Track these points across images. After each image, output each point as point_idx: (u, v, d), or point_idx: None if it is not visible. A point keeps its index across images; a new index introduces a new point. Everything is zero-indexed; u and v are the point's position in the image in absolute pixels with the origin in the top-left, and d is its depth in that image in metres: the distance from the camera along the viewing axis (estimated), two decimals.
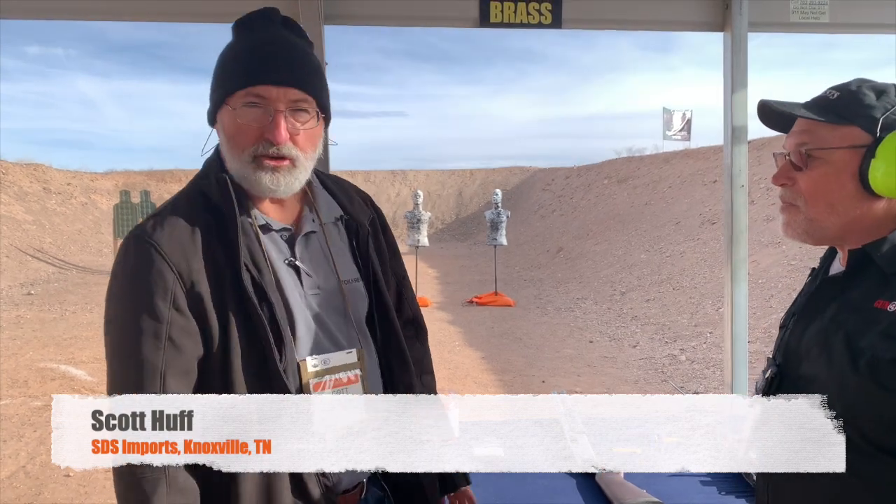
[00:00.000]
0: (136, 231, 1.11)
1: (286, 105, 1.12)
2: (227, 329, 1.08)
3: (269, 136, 1.11)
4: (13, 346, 8.19)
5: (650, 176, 20.18)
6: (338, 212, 1.28)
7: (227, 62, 1.17)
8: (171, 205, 1.15)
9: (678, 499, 1.71)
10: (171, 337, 1.05)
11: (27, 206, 19.50)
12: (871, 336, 0.93)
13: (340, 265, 1.24)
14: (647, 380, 6.73)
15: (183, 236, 1.09)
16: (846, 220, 1.02)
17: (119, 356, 1.08)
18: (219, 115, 1.17)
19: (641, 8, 2.28)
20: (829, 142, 1.02)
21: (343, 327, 1.22)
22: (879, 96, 1.00)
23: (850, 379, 0.94)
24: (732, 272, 2.31)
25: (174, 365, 1.05)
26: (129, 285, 1.08)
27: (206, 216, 1.12)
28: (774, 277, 9.58)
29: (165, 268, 1.06)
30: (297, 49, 1.17)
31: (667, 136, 20.70)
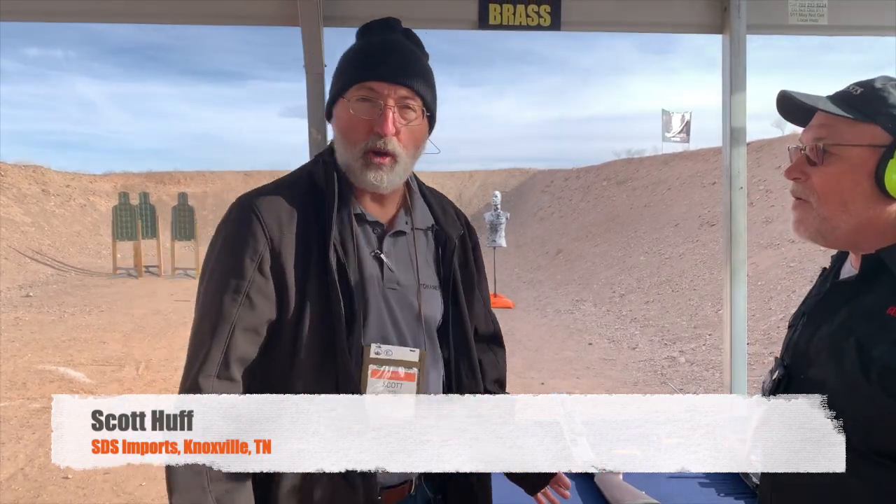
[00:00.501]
0: (243, 196, 1.23)
1: (395, 101, 1.20)
2: (304, 300, 1.15)
3: (377, 129, 1.19)
4: (12, 348, 8.18)
5: (649, 178, 20.20)
6: (430, 221, 1.35)
7: (345, 60, 1.28)
8: (280, 181, 1.28)
9: (677, 500, 1.71)
10: (248, 294, 1.14)
11: (26, 207, 19.49)
12: (884, 345, 0.91)
13: (422, 269, 1.30)
14: (647, 382, 6.73)
15: (282, 208, 1.18)
16: (858, 220, 1.00)
17: (202, 303, 1.18)
18: (335, 108, 1.27)
19: (640, 10, 2.29)
20: (848, 138, 0.99)
21: (413, 327, 1.26)
22: None
23: (861, 387, 0.92)
24: (731, 274, 2.32)
25: (245, 320, 1.14)
26: (224, 242, 1.18)
27: (307, 196, 1.22)
28: (773, 279, 9.59)
29: (260, 232, 1.15)
30: (409, 52, 1.27)
31: (666, 137, 20.73)
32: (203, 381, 1.11)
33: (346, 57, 1.28)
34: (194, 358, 1.14)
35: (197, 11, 2.21)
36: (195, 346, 1.15)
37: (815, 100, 1.04)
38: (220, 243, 1.19)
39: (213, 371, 1.12)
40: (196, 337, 1.16)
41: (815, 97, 1.05)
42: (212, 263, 1.19)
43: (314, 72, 2.14)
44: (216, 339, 1.13)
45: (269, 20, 2.22)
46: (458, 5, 2.19)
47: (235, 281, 1.14)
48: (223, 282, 1.14)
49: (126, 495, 4.15)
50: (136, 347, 8.23)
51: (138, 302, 11.92)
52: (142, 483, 4.31)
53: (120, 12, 2.19)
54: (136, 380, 6.78)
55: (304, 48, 2.14)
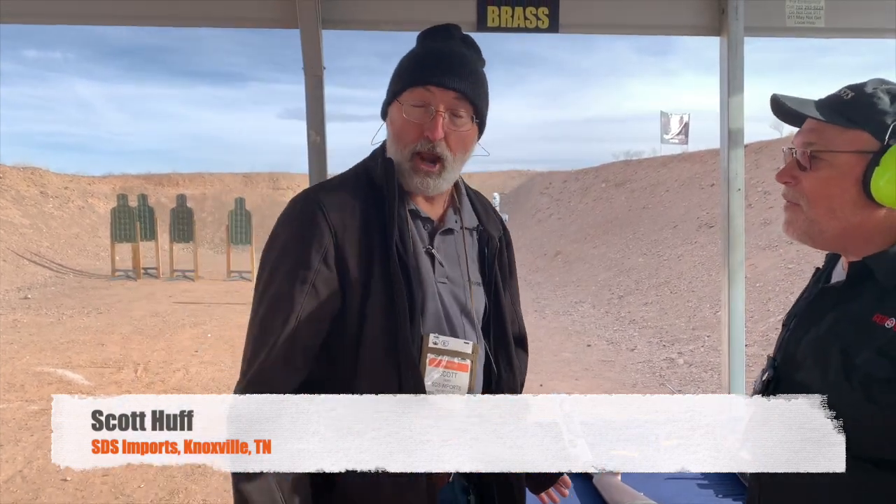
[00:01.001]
0: (306, 191, 1.27)
1: (446, 106, 1.24)
2: (368, 293, 1.20)
3: (427, 133, 1.23)
4: (10, 350, 8.17)
5: (648, 179, 20.21)
6: (475, 221, 1.41)
7: (404, 64, 1.31)
8: (340, 178, 1.32)
9: (675, 501, 1.72)
10: (315, 285, 1.17)
11: (24, 209, 19.46)
12: (867, 352, 0.92)
13: (470, 266, 1.36)
14: (645, 383, 6.73)
15: (345, 204, 1.22)
16: (846, 225, 1.01)
17: (268, 293, 1.19)
18: (389, 110, 1.31)
19: (638, 12, 2.29)
20: (837, 144, 1.00)
21: (463, 320, 1.31)
22: (893, 101, 0.97)
23: (844, 393, 0.94)
24: (730, 275, 2.32)
25: (310, 310, 1.17)
26: (290, 234, 1.21)
27: (368, 192, 1.26)
28: (772, 281, 9.60)
29: (325, 226, 1.19)
30: (463, 58, 1.30)
31: (664, 139, 20.75)
32: (270, 369, 1.15)
33: (403, 61, 1.32)
34: (260, 346, 1.16)
35: (196, 14, 2.22)
36: (261, 334, 1.17)
37: (805, 105, 1.04)
38: (286, 235, 1.21)
39: (279, 360, 1.15)
40: (261, 325, 1.18)
41: (806, 102, 1.05)
42: (276, 254, 1.21)
43: (313, 74, 2.14)
44: (284, 327, 1.15)
45: (269, 22, 2.23)
46: (456, 7, 2.19)
47: (303, 271, 1.17)
48: (291, 272, 1.17)
49: (125, 497, 4.14)
50: (134, 349, 8.22)
51: (137, 304, 11.91)
52: (140, 485, 4.31)
53: (119, 14, 2.19)
54: (134, 381, 6.77)
55: (303, 50, 2.15)
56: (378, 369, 1.19)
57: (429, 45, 1.32)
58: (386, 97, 1.32)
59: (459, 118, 1.26)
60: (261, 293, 1.21)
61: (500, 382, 1.37)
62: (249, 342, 1.20)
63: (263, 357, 1.16)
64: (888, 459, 0.91)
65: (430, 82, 1.24)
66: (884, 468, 0.91)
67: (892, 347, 0.90)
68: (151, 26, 2.29)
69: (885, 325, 0.92)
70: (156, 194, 24.21)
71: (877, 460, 0.92)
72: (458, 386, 1.28)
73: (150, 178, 27.32)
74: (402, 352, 1.19)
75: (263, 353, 1.16)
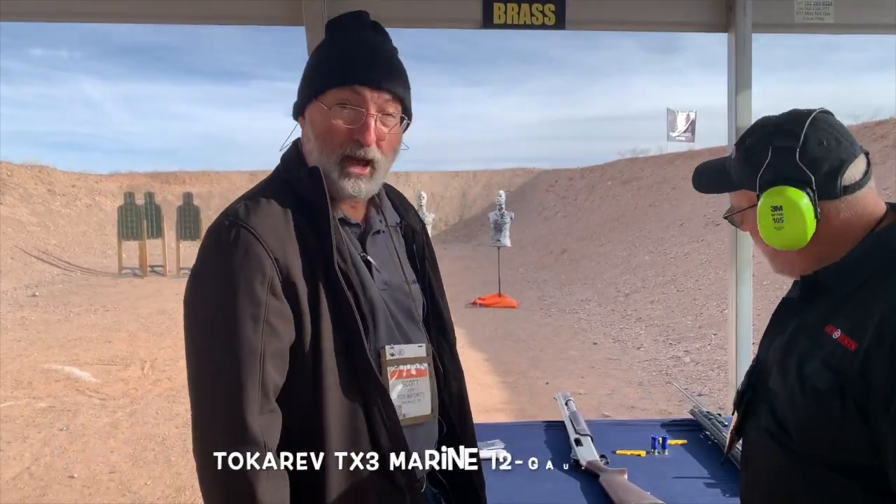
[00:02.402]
0: (229, 216, 1.11)
1: (377, 108, 1.17)
2: (318, 314, 1.10)
3: (358, 136, 1.16)
4: (18, 347, 8.21)
5: (654, 177, 20.15)
6: (397, 217, 1.36)
7: (321, 60, 1.22)
8: (261, 194, 1.16)
9: (682, 500, 1.71)
10: (268, 320, 1.06)
11: (32, 207, 19.56)
12: (815, 363, 0.96)
13: (404, 266, 1.32)
14: (652, 381, 6.71)
15: (277, 224, 1.12)
16: (793, 259, 1.07)
17: (218, 337, 1.06)
18: (307, 110, 1.21)
19: (645, 9, 2.28)
20: (739, 203, 1.11)
21: (410, 324, 1.27)
22: (757, 150, 1.05)
23: (799, 401, 0.97)
24: (737, 273, 2.31)
25: (272, 347, 1.07)
26: (226, 268, 1.07)
27: (295, 207, 1.15)
28: (779, 279, 9.52)
29: (263, 253, 1.07)
30: (388, 53, 1.23)
31: (671, 137, 20.62)
32: (250, 421, 1.03)
33: (322, 55, 1.22)
34: (228, 398, 1.04)
35: (202, 12, 2.22)
36: (225, 386, 1.04)
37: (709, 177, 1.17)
38: (221, 272, 1.08)
39: (255, 408, 1.04)
40: (221, 376, 1.05)
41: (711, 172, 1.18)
42: (217, 293, 1.08)
43: None
44: (248, 373, 1.04)
45: (274, 20, 2.22)
46: (462, 5, 2.19)
47: (252, 308, 1.05)
48: (237, 311, 1.05)
49: (131, 494, 4.16)
50: (141, 347, 8.25)
51: (143, 301, 11.96)
52: (147, 482, 4.32)
53: (125, 13, 2.19)
54: (141, 379, 6.80)
55: (309, 48, 2.14)
56: (342, 396, 1.12)
57: (345, 38, 1.21)
58: (301, 96, 1.22)
59: (389, 117, 1.20)
60: (213, 334, 1.07)
61: (448, 377, 1.33)
62: (208, 395, 1.06)
63: (238, 409, 1.03)
64: (841, 462, 0.93)
65: (360, 82, 1.15)
66: (837, 471, 0.94)
67: (832, 358, 0.93)
68: (158, 24, 2.29)
69: (833, 336, 0.95)
70: (162, 192, 24.29)
71: (830, 463, 0.95)
72: (421, 393, 1.24)
73: (156, 176, 27.41)
74: (363, 371, 1.13)
75: (237, 406, 1.03)
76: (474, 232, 26.43)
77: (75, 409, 5.85)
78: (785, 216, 0.99)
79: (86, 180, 24.23)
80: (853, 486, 0.93)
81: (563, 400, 2.28)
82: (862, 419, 0.89)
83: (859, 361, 0.90)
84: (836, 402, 0.91)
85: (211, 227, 1.13)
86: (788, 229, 1.00)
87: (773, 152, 1.02)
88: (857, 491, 0.93)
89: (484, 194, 29.09)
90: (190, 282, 1.12)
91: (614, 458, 1.94)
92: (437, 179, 30.58)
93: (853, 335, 0.92)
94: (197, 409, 1.08)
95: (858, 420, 0.90)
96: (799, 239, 1.00)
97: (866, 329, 0.91)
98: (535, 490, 1.76)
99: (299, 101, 1.23)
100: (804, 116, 1.03)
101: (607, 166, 24.03)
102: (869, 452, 0.90)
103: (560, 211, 23.49)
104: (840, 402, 0.91)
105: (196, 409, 1.08)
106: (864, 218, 1.01)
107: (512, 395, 6.12)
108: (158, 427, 5.37)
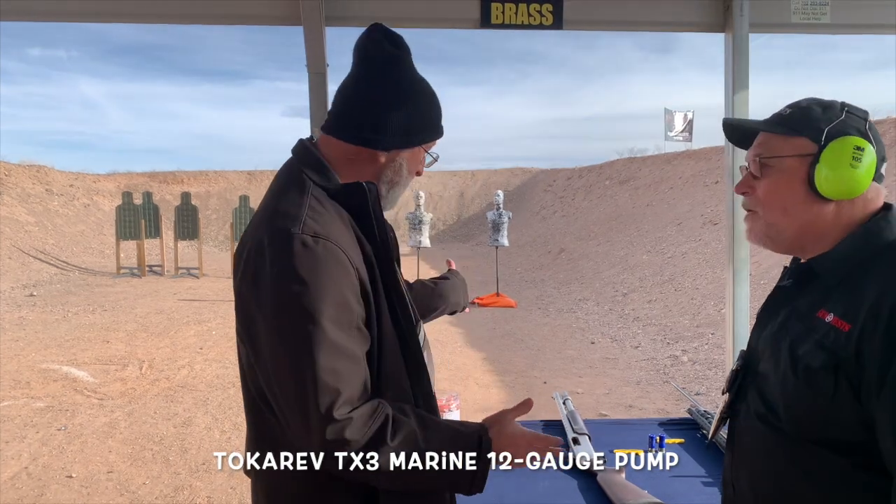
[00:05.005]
0: (306, 229, 1.13)
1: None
2: (381, 314, 1.20)
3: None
4: (15, 347, 8.20)
5: (652, 177, 20.17)
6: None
7: (435, 107, 1.34)
8: (320, 208, 1.19)
9: (680, 499, 1.71)
10: (359, 327, 1.15)
11: (29, 207, 19.52)
12: (808, 344, 1.03)
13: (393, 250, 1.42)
14: (649, 381, 6.72)
15: (346, 234, 1.19)
16: (800, 223, 1.12)
17: (324, 350, 1.08)
18: (407, 151, 1.31)
19: (642, 9, 2.29)
20: (782, 150, 1.13)
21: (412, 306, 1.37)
22: (825, 111, 1.11)
23: (791, 382, 1.04)
24: (734, 273, 2.32)
25: (365, 349, 1.16)
26: (321, 281, 1.10)
27: (346, 215, 1.23)
28: (776, 278, 9.49)
29: (348, 264, 1.15)
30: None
31: (668, 136, 20.67)
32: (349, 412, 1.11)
33: (432, 102, 1.33)
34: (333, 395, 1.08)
35: (200, 11, 2.22)
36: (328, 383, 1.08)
37: (752, 123, 1.21)
38: (314, 283, 1.09)
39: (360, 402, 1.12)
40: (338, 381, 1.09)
41: (751, 121, 1.23)
42: (314, 305, 1.08)
43: (316, 71, 2.14)
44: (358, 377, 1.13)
45: (272, 20, 2.23)
46: (460, 4, 2.19)
47: (348, 317, 1.12)
48: (337, 320, 1.10)
49: (129, 494, 4.16)
50: (139, 346, 8.25)
51: (142, 301, 11.95)
52: (145, 482, 4.32)
53: (123, 12, 2.20)
54: (139, 379, 6.80)
55: (307, 48, 2.15)
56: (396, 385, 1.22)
57: (419, 78, 1.33)
58: (403, 135, 1.28)
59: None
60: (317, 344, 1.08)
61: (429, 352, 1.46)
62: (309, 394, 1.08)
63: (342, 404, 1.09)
64: (829, 439, 1.00)
65: (442, 133, 1.35)
66: (824, 447, 1.01)
67: (826, 339, 1.00)
68: (155, 24, 2.29)
69: (826, 320, 1.03)
70: (160, 192, 24.25)
71: (818, 440, 1.01)
72: (431, 362, 1.39)
73: (154, 175, 27.35)
74: (418, 358, 1.27)
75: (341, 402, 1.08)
76: (472, 231, 26.43)
77: (73, 408, 5.85)
78: (864, 158, 1.06)
79: (84, 180, 24.18)
80: (843, 462, 0.99)
81: (561, 399, 2.28)
82: (854, 397, 0.96)
83: (853, 342, 0.96)
84: (830, 380, 0.98)
85: (286, 242, 1.12)
86: (862, 171, 1.06)
87: (847, 114, 1.10)
88: (847, 467, 0.99)
89: (482, 194, 29.09)
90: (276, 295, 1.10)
91: (612, 457, 1.95)
92: (434, 179, 30.56)
93: (847, 318, 0.99)
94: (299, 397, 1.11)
95: (851, 398, 0.96)
96: (862, 183, 1.07)
97: (859, 311, 0.98)
98: (533, 489, 1.77)
99: (395, 141, 1.27)
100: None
101: (605, 166, 24.04)
102: (859, 429, 0.96)
103: (558, 210, 23.49)
104: (833, 381, 0.98)
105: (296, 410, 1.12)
106: (867, 210, 1.10)
107: (510, 394, 6.12)
108: (157, 426, 5.37)
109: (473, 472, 1.16)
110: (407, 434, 1.13)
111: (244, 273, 1.15)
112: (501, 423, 1.24)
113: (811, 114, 1.12)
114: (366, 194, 1.24)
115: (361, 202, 1.24)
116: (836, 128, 1.08)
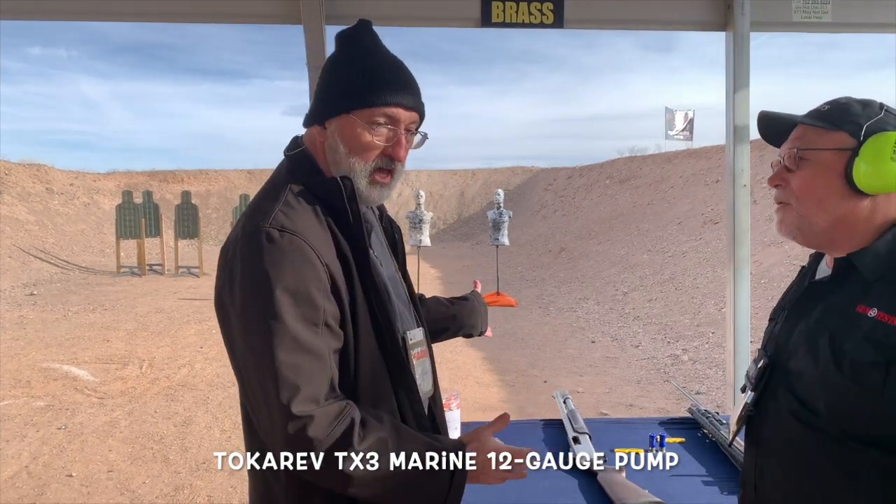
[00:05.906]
0: (273, 223, 1.13)
1: (406, 126, 1.26)
2: (356, 312, 1.18)
3: (391, 152, 1.25)
4: (16, 346, 8.21)
5: (652, 176, 20.16)
6: (377, 211, 1.45)
7: (354, 75, 1.24)
8: (295, 203, 1.19)
9: (680, 499, 1.71)
10: (326, 323, 1.13)
11: (30, 206, 19.53)
12: (854, 339, 1.02)
13: (393, 255, 1.42)
14: (650, 380, 6.72)
15: (318, 230, 1.18)
16: (833, 217, 1.11)
17: (284, 345, 1.08)
18: (335, 121, 1.24)
19: (643, 8, 2.28)
20: (819, 143, 1.12)
21: (407, 310, 1.37)
22: (864, 108, 1.12)
23: (834, 378, 1.03)
24: (735, 272, 2.32)
25: (332, 347, 1.14)
26: (283, 276, 1.09)
27: (322, 211, 1.21)
28: (777, 277, 9.57)
29: (316, 259, 1.13)
30: (408, 69, 1.30)
31: (669, 135, 20.68)
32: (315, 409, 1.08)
33: (350, 71, 1.25)
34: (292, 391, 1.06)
35: (200, 10, 2.22)
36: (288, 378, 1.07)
37: (790, 116, 1.19)
38: (277, 278, 1.09)
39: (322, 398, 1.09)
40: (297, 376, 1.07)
41: (791, 115, 1.20)
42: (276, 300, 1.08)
43: (316, 70, 2.14)
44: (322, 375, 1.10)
45: (272, 19, 2.22)
46: (460, 3, 2.19)
47: (313, 313, 1.10)
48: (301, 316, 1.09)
49: (130, 493, 4.16)
50: (139, 345, 8.25)
51: (142, 300, 11.95)
52: (145, 481, 4.32)
53: (123, 11, 2.20)
54: (139, 378, 6.80)
55: (307, 47, 2.14)
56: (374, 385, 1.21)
57: (369, 53, 1.26)
58: (328, 106, 1.25)
59: (412, 134, 1.30)
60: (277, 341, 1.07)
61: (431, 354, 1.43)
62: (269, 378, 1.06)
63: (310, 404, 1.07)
64: (874, 436, 0.99)
65: (398, 104, 1.23)
66: (869, 445, 1.00)
67: (874, 333, 1.00)
68: (156, 23, 2.29)
69: (868, 315, 1.02)
70: (160, 191, 24.27)
71: (863, 438, 1.00)
72: (427, 371, 1.35)
73: (154, 174, 27.36)
74: (399, 359, 1.24)
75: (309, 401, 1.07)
76: (472, 230, 26.44)
77: (73, 407, 5.85)
78: None
79: (84, 179, 24.18)
80: (891, 461, 0.98)
81: (562, 398, 2.28)
82: None
83: None
84: (879, 374, 0.98)
85: (252, 235, 1.13)
86: None
87: (886, 112, 1.11)
88: (892, 464, 0.98)
89: (482, 193, 29.09)
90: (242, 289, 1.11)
91: (612, 457, 1.94)
92: (435, 178, 30.56)
93: (893, 311, 0.99)
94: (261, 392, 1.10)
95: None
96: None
97: None
98: (533, 488, 1.77)
99: (323, 110, 1.26)
100: None
101: (606, 165, 24.04)
102: None
103: (558, 209, 23.49)
104: (883, 376, 0.97)
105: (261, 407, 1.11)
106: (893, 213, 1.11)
107: (510, 393, 6.12)
108: (157, 426, 5.37)
109: (448, 488, 1.13)
110: (377, 440, 1.10)
111: (221, 271, 1.17)
112: (479, 440, 1.22)
113: (850, 109, 1.12)
114: (341, 190, 1.22)
115: (336, 197, 1.22)
116: (876, 124, 1.09)
